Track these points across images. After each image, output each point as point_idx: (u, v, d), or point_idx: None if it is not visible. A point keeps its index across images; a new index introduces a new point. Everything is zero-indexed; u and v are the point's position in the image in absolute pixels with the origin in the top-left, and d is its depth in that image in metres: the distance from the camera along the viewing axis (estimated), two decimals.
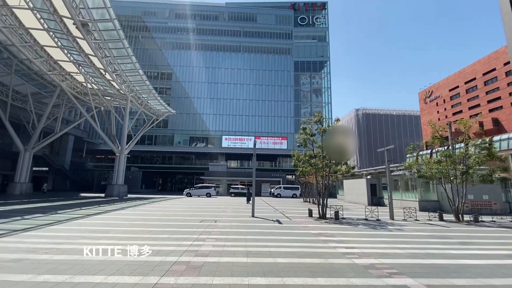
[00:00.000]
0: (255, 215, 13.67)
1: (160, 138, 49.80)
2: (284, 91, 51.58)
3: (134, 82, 27.68)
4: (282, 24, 55.73)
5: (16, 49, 21.40)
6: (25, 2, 17.60)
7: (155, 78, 51.59)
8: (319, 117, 14.14)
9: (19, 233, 8.00)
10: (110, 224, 10.06)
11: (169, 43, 54.12)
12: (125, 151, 28.94)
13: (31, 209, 14.53)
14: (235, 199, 30.57)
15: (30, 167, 27.43)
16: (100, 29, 19.77)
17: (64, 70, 25.40)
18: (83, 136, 44.07)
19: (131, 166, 41.91)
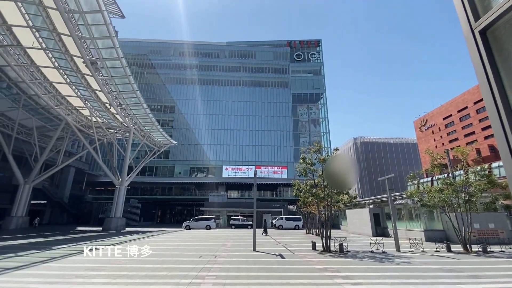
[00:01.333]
0: (256, 249, 13.23)
1: (161, 169, 49.71)
2: (282, 121, 52.79)
3: (138, 115, 28.50)
4: (279, 60, 58.97)
5: (26, 85, 22.47)
6: (38, 42, 18.93)
7: (158, 111, 53.12)
8: (318, 146, 14.38)
9: (11, 272, 7.75)
10: (105, 261, 9.73)
11: (172, 78, 56.75)
12: (126, 183, 28.77)
13: (26, 245, 14.11)
14: (236, 231, 29.65)
15: (28, 200, 27.06)
16: (108, 66, 20.96)
17: (71, 105, 26.34)
18: (84, 168, 44.06)
19: (130, 198, 41.26)
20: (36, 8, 16.57)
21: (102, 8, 16.80)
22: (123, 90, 24.09)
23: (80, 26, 17.36)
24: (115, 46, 19.44)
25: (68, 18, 16.15)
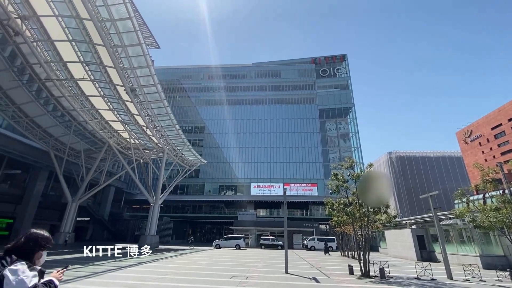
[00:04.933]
0: (288, 271, 12.69)
1: (192, 187, 51.19)
2: (310, 137, 52.05)
3: (171, 136, 30.13)
4: (305, 77, 59.37)
5: (76, 113, 25.21)
6: (87, 75, 21.34)
7: (189, 131, 55.74)
8: (351, 162, 13.77)
9: (60, 285, 8.28)
10: (141, 278, 10.01)
11: (202, 100, 59.82)
12: (159, 201, 29.98)
13: (72, 259, 15.10)
14: (266, 251, 28.87)
15: (74, 217, 29.32)
16: (145, 92, 22.76)
17: (113, 128, 28.77)
18: (122, 187, 46.99)
19: (163, 215, 42.68)
20: (87, 46, 18.89)
21: (141, 41, 18.60)
22: (158, 113, 25.82)
23: (122, 58, 19.31)
24: (151, 74, 21.17)
25: (113, 52, 18.11)
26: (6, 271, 1.75)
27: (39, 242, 2.02)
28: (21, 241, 1.98)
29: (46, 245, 2.06)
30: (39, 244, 2.02)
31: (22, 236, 2.02)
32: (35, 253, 1.99)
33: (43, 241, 2.05)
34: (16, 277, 1.74)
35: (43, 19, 17.52)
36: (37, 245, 2.01)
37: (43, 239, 2.05)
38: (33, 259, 1.96)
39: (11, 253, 1.90)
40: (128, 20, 17.05)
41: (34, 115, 25.01)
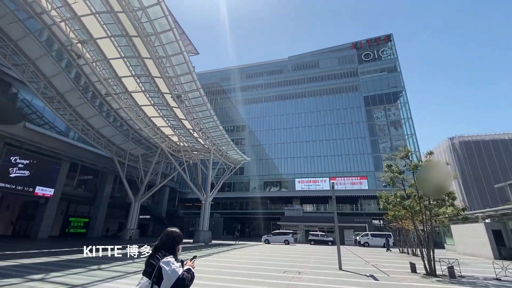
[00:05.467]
0: (342, 268, 12.25)
1: (238, 185, 52.87)
2: (356, 127, 49.13)
3: (216, 137, 31.49)
4: (346, 64, 56.09)
5: (132, 122, 28.02)
6: (139, 86, 23.48)
7: (232, 131, 57.52)
8: (406, 151, 12.57)
9: (131, 276, 9.33)
10: (199, 271, 10.69)
11: (241, 100, 61.07)
12: (210, 198, 31.66)
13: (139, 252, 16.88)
14: (315, 247, 28.35)
15: (137, 215, 32.76)
16: (190, 97, 24.15)
17: (164, 134, 31.23)
18: (176, 187, 50.86)
19: (214, 212, 44.98)
20: (136, 60, 20.77)
21: (183, 49, 19.74)
22: (203, 116, 27.20)
23: (167, 68, 20.77)
24: (194, 79, 22.35)
25: (159, 63, 19.59)
26: (162, 263, 2.19)
27: (176, 239, 2.48)
28: (164, 239, 2.44)
29: (181, 241, 2.52)
30: (177, 241, 2.48)
31: (163, 235, 2.48)
32: (175, 248, 2.44)
33: (179, 238, 2.51)
34: (170, 268, 2.17)
35: (99, 41, 19.74)
36: (175, 241, 2.46)
37: (178, 236, 2.51)
38: (175, 253, 2.41)
39: (160, 249, 2.36)
40: (170, 32, 18.23)
41: (98, 127, 28.53)
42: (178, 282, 2.13)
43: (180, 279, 2.14)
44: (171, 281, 2.12)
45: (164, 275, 2.14)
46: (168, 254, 2.32)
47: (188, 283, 2.19)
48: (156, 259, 2.26)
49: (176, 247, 2.46)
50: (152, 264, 2.24)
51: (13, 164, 23.59)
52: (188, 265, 2.33)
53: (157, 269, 2.18)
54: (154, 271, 2.18)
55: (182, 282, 2.14)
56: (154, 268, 2.19)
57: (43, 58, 20.63)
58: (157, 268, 2.18)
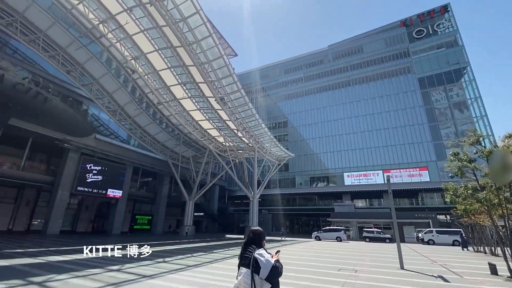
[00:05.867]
0: (405, 267, 11.28)
1: (283, 181, 52.79)
2: (411, 113, 44.53)
3: (259, 135, 31.93)
4: (394, 45, 51.11)
5: (182, 126, 30.14)
6: (186, 93, 25.07)
7: (274, 128, 57.62)
8: (477, 136, 10.86)
9: (192, 269, 10.04)
10: None
11: (282, 96, 60.62)
12: (257, 195, 32.33)
13: (196, 248, 18.13)
14: (371, 245, 26.69)
15: (192, 213, 35.21)
16: (232, 99, 24.92)
17: (210, 135, 32.88)
18: (224, 185, 53.21)
19: (261, 209, 45.76)
20: (181, 69, 22.20)
21: (222, 53, 20.43)
22: (245, 115, 27.82)
23: (209, 73, 21.74)
24: (234, 81, 22.99)
25: (201, 69, 20.63)
26: (256, 255, 2.55)
27: (260, 235, 2.84)
28: (251, 236, 2.83)
29: (264, 237, 2.88)
30: (261, 237, 2.84)
31: (250, 233, 2.87)
32: (262, 243, 2.79)
33: (262, 234, 2.87)
34: (264, 258, 2.52)
35: (149, 55, 21.63)
36: (260, 237, 2.82)
37: (262, 233, 2.88)
38: (262, 247, 2.74)
39: (249, 244, 2.74)
40: (209, 38, 19.03)
41: (154, 133, 31.39)
42: (273, 270, 2.47)
43: (274, 267, 2.48)
44: (268, 269, 2.46)
45: (261, 264, 2.48)
46: (257, 248, 2.67)
47: (281, 271, 2.55)
48: (249, 253, 2.63)
49: (262, 242, 2.79)
50: (247, 257, 2.61)
51: (89, 171, 27.51)
52: (275, 258, 2.62)
53: (253, 260, 2.52)
54: (251, 262, 2.53)
55: (276, 270, 2.49)
56: (250, 260, 2.55)
57: (105, 76, 23.53)
58: (253, 259, 2.53)
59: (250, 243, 2.75)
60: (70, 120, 23.33)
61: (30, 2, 17.18)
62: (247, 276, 2.50)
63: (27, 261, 9.98)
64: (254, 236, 2.81)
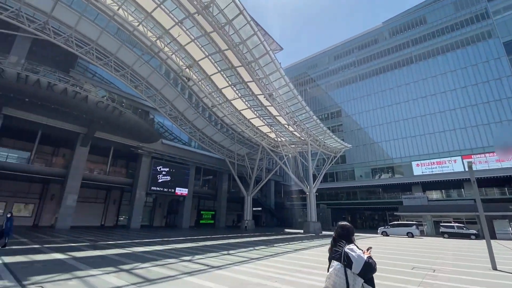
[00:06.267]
0: (498, 268, 9.55)
1: (341, 174, 50.28)
2: (495, 87, 37.12)
3: (311, 128, 31.06)
4: (467, 8, 43.17)
5: (235, 126, 31.43)
6: (236, 94, 25.98)
7: (326, 119, 55.25)
8: None
9: (254, 261, 10.42)
10: (316, 261, 10.79)
11: (333, 84, 57.57)
12: (313, 189, 31.60)
13: (257, 241, 18.75)
14: (451, 241, 23.36)
15: (251, 208, 36.53)
16: (280, 94, 24.80)
17: (262, 132, 33.45)
18: (280, 180, 53.60)
19: (319, 203, 44.59)
20: (230, 71, 23.06)
21: (268, 49, 20.46)
22: (295, 109, 27.38)
23: (257, 71, 22.05)
24: (282, 75, 22.80)
25: (249, 68, 21.07)
26: (347, 250, 2.59)
27: (349, 230, 2.85)
28: (339, 231, 2.85)
29: (353, 232, 2.88)
30: (350, 231, 2.85)
31: (338, 228, 2.89)
32: (351, 238, 2.80)
33: (351, 229, 2.87)
34: (355, 253, 2.54)
35: (200, 62, 23.10)
36: (349, 232, 2.84)
37: (350, 228, 2.88)
38: (352, 242, 2.76)
39: (338, 239, 2.79)
40: (254, 36, 19.26)
41: (211, 134, 33.52)
42: (366, 266, 2.47)
43: (367, 263, 2.48)
44: (360, 264, 2.47)
45: (352, 259, 2.50)
46: (347, 243, 2.71)
47: (374, 267, 2.52)
48: (339, 247, 2.69)
49: (352, 237, 2.79)
50: (337, 251, 2.66)
51: (159, 172, 31.03)
52: (367, 254, 2.59)
53: (344, 255, 2.56)
54: (342, 256, 2.57)
55: (369, 266, 2.48)
56: (341, 254, 2.59)
57: (165, 87, 26.13)
58: (344, 254, 2.57)
59: (339, 238, 2.79)
60: (141, 128, 26.67)
61: (101, 30, 20.17)
62: (339, 269, 2.54)
63: (117, 251, 11.86)
64: (343, 231, 2.83)
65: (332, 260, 2.69)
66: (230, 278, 7.36)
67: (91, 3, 17.77)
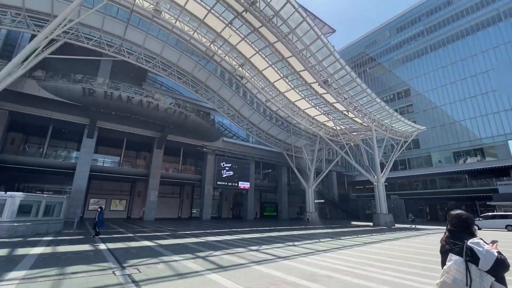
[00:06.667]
0: None
1: (414, 161, 44.75)
2: None
3: (374, 112, 28.48)
4: None
5: (290, 118, 31.15)
6: (289, 85, 25.61)
7: (392, 100, 49.73)
8: None
9: (320, 253, 10.22)
10: (389, 255, 9.95)
11: (397, 60, 51.23)
12: (382, 179, 29.03)
13: (321, 234, 18.35)
14: None
15: (313, 200, 35.88)
16: (336, 79, 23.39)
17: (319, 122, 32.26)
18: (342, 171, 50.98)
19: (390, 194, 40.77)
20: (281, 63, 22.82)
21: (319, 34, 19.48)
22: (354, 93, 25.47)
23: (309, 59, 21.28)
24: (337, 59, 21.44)
25: (300, 57, 20.48)
26: (471, 244, 2.28)
27: (467, 220, 2.52)
28: (455, 221, 2.54)
29: (473, 222, 2.55)
30: (469, 222, 2.51)
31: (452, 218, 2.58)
32: (471, 229, 2.48)
33: (469, 219, 2.53)
34: (482, 248, 2.23)
35: (252, 59, 23.54)
36: (467, 223, 2.51)
37: (468, 217, 2.54)
38: (473, 233, 2.46)
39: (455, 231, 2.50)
40: (303, 23, 18.58)
41: (266, 129, 34.04)
42: (498, 262, 2.16)
43: (499, 260, 2.16)
44: (490, 261, 2.16)
45: (479, 255, 2.19)
46: (466, 235, 2.40)
47: (507, 263, 2.19)
48: (458, 239, 2.39)
49: (472, 228, 2.47)
50: (456, 244, 2.37)
51: (223, 168, 33.19)
52: (494, 249, 2.29)
53: (466, 249, 2.27)
54: (464, 250, 2.28)
55: (502, 262, 2.16)
56: (462, 248, 2.30)
57: (222, 88, 27.61)
58: (467, 248, 2.27)
59: (456, 229, 2.49)
60: (204, 129, 28.95)
61: (163, 43, 22.46)
62: (460, 264, 2.26)
63: (193, 240, 13.23)
64: (459, 222, 2.51)
65: (449, 253, 2.38)
66: (297, 269, 7.42)
67: (153, 21, 19.94)
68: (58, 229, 14.77)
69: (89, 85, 21.55)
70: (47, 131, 24.58)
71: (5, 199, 12.01)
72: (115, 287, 5.41)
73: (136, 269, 6.93)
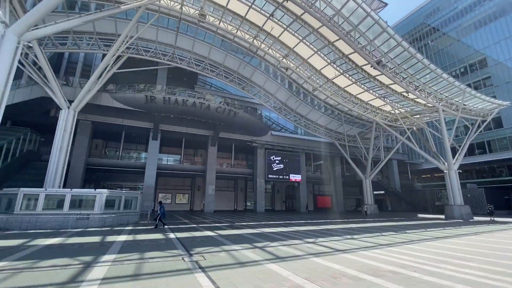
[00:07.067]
0: None
1: (496, 143, 37.86)
2: None
3: (440, 90, 24.97)
4: None
5: (341, 105, 29.49)
6: (337, 71, 24.21)
7: (463, 74, 42.76)
8: None
9: (384, 248, 9.55)
10: (468, 251, 8.74)
11: (467, 27, 43.63)
12: (454, 166, 25.43)
13: (383, 227, 17.06)
14: None
15: (371, 191, 33.56)
16: (392, 58, 21.15)
17: (374, 107, 29.76)
18: (403, 159, 46.28)
19: (466, 182, 35.47)
20: (327, 48, 21.67)
21: (368, 10, 17.85)
22: (414, 71, 22.69)
23: (357, 40, 19.72)
24: (391, 35, 19.36)
25: (348, 39, 19.13)
26: None
27: None
28: None
29: None
30: None
31: None
32: None
33: None
34: None
35: (295, 49, 22.93)
36: None
37: None
38: None
39: None
40: (349, 2, 17.25)
41: (315, 119, 32.94)
42: None
43: None
44: None
45: None
46: None
47: None
48: None
49: None
50: None
51: (273, 161, 33.51)
52: None
53: None
54: None
55: None
56: None
57: (267, 82, 27.72)
58: None
59: None
60: (252, 124, 29.59)
61: (210, 46, 23.57)
62: None
63: (249, 231, 13.77)
64: None
65: None
66: (358, 263, 7.11)
67: (199, 26, 21.07)
68: (135, 220, 17.13)
69: (150, 92, 24.14)
70: (120, 136, 28.64)
71: (95, 195, 14.45)
72: (186, 271, 6.03)
73: (202, 256, 7.59)
